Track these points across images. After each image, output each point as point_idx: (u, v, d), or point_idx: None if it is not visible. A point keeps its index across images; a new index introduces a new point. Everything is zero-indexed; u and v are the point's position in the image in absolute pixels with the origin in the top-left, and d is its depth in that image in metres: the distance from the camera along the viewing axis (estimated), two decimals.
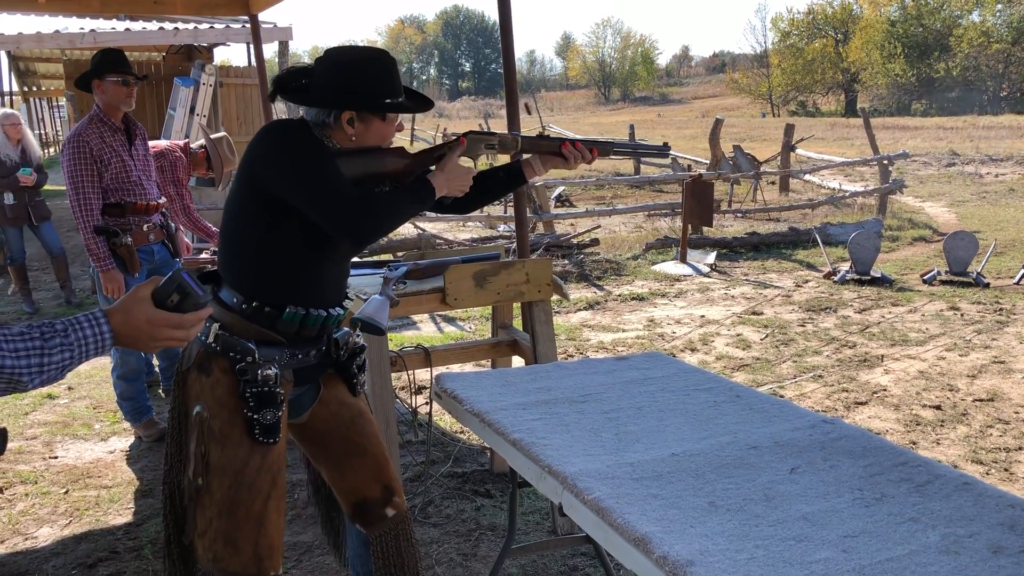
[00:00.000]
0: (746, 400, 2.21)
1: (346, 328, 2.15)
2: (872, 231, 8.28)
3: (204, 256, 4.46)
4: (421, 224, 10.01)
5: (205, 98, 9.56)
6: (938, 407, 4.48)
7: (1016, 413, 4.37)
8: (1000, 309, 6.50)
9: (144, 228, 3.95)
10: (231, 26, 10.78)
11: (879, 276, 7.55)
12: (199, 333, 1.90)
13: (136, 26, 11.01)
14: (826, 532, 1.49)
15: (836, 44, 53.22)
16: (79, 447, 4.13)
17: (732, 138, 21.59)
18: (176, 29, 10.68)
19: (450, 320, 6.60)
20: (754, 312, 6.65)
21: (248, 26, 7.81)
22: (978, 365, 5.15)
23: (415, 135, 25.21)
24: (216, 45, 12.14)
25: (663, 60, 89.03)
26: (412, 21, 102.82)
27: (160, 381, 4.78)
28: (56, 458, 3.99)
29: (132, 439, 4.20)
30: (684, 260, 8.57)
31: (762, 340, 5.84)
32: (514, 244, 4.13)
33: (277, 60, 11.60)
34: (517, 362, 3.67)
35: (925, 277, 7.58)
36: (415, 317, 6.54)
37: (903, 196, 13.25)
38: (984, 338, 5.73)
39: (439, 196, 2.01)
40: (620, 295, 7.36)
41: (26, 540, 3.21)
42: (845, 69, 51.44)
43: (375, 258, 5.79)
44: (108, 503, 3.50)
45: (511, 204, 9.84)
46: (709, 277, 8.09)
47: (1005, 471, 3.70)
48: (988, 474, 3.67)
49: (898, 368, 5.15)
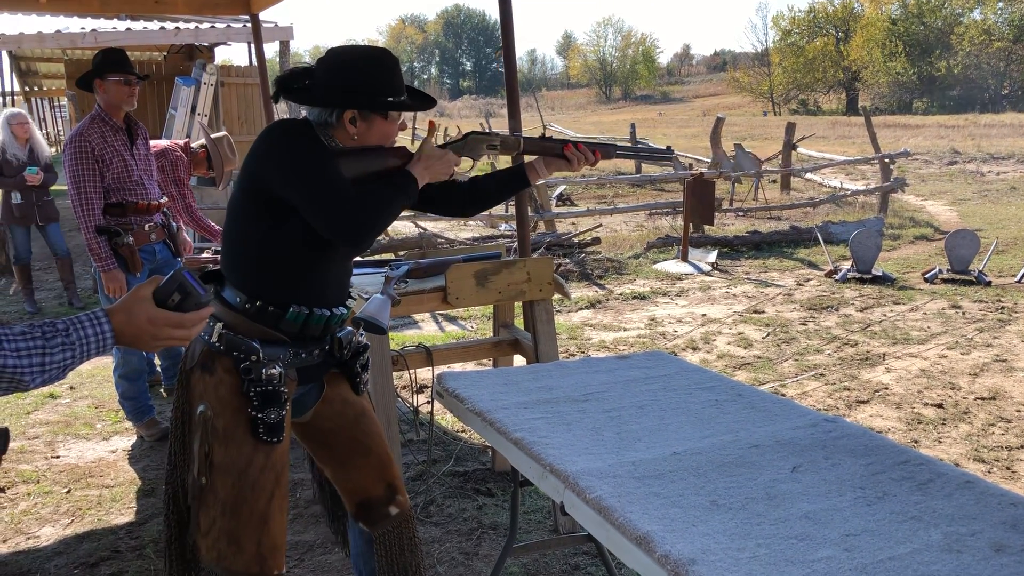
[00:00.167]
0: (748, 399, 2.21)
1: (349, 327, 2.15)
2: (873, 229, 8.27)
3: (206, 255, 4.46)
4: (422, 223, 10.00)
5: (206, 97, 9.56)
6: (940, 405, 4.48)
7: (1018, 411, 4.37)
8: (1002, 307, 6.50)
9: (146, 228, 3.95)
10: (232, 26, 10.77)
11: (880, 274, 7.55)
12: (202, 332, 1.90)
13: (137, 26, 11.01)
14: (828, 531, 1.49)
15: (837, 42, 53.19)
16: (81, 446, 4.13)
17: (733, 137, 21.56)
18: (177, 29, 10.68)
19: (451, 319, 6.60)
20: (755, 311, 6.64)
21: (249, 26, 7.80)
22: (980, 363, 5.15)
23: (416, 134, 25.19)
24: (217, 45, 12.14)
25: (664, 59, 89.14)
26: (413, 20, 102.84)
27: (162, 380, 4.78)
28: (58, 457, 3.99)
29: (134, 438, 4.20)
30: (685, 259, 8.57)
31: (763, 339, 5.84)
32: (515, 243, 4.13)
33: (278, 60, 11.59)
34: (518, 361, 3.67)
35: (927, 275, 7.58)
36: (416, 316, 6.54)
37: (904, 194, 13.24)
38: (986, 336, 5.73)
39: (421, 184, 1.99)
40: (621, 294, 7.36)
41: (28, 539, 3.21)
42: (846, 67, 51.42)
43: (376, 257, 5.80)
44: (110, 502, 3.51)
45: (512, 203, 9.84)
46: (710, 276, 8.08)
47: (1007, 469, 3.69)
48: (990, 472, 3.67)
49: (900, 366, 5.15)
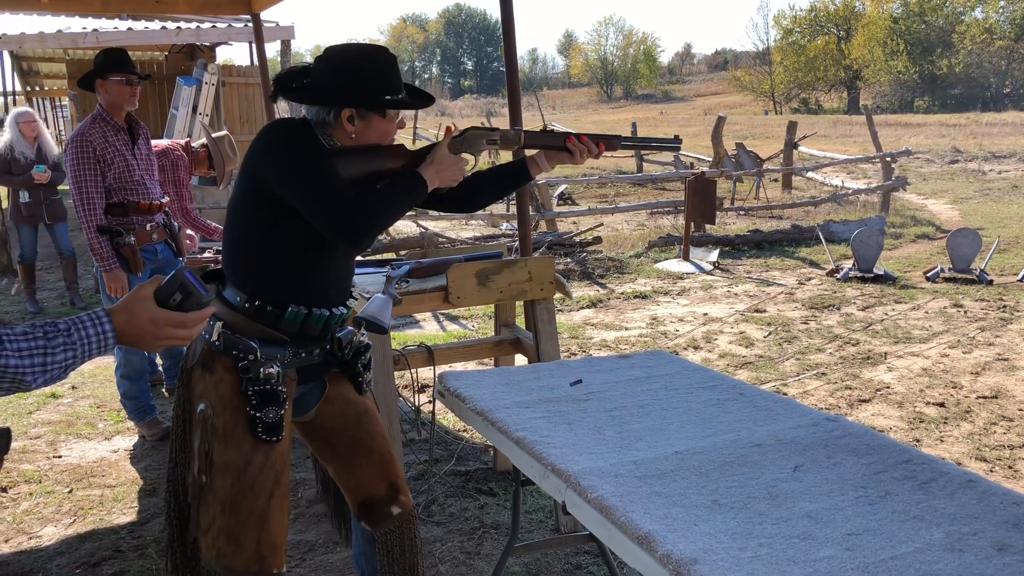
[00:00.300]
0: (749, 398, 2.21)
1: (350, 327, 2.14)
2: (875, 228, 8.26)
3: (207, 255, 4.46)
4: (423, 223, 10.00)
5: (207, 97, 9.57)
6: (942, 404, 4.47)
7: (1020, 410, 4.36)
8: (1004, 306, 6.49)
9: (147, 227, 3.95)
10: (233, 25, 10.77)
11: (882, 273, 7.54)
12: (203, 331, 1.91)
13: (139, 25, 11.02)
14: (830, 530, 1.49)
15: (838, 41, 53.17)
16: (83, 446, 4.14)
17: (735, 135, 21.56)
18: (178, 28, 10.68)
19: (453, 318, 6.60)
20: (757, 310, 6.64)
21: (250, 25, 7.80)
22: (981, 362, 5.14)
23: (418, 133, 25.19)
24: (218, 44, 12.14)
25: (665, 58, 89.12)
26: (414, 19, 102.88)
27: (163, 380, 4.78)
28: (60, 457, 3.99)
29: (136, 438, 4.20)
30: (687, 258, 8.56)
31: (765, 338, 5.84)
32: (516, 242, 4.13)
33: (279, 59, 11.59)
34: (520, 360, 3.67)
35: (928, 274, 7.57)
36: (418, 316, 6.54)
37: (906, 193, 13.22)
38: (987, 335, 5.72)
39: (431, 188, 1.97)
40: (623, 293, 7.36)
41: (30, 539, 3.21)
42: (848, 66, 51.40)
43: (378, 257, 5.79)
44: (112, 502, 3.51)
45: (513, 202, 9.84)
46: (712, 275, 8.08)
47: (1009, 468, 3.69)
48: (992, 471, 3.66)
49: (901, 365, 5.14)
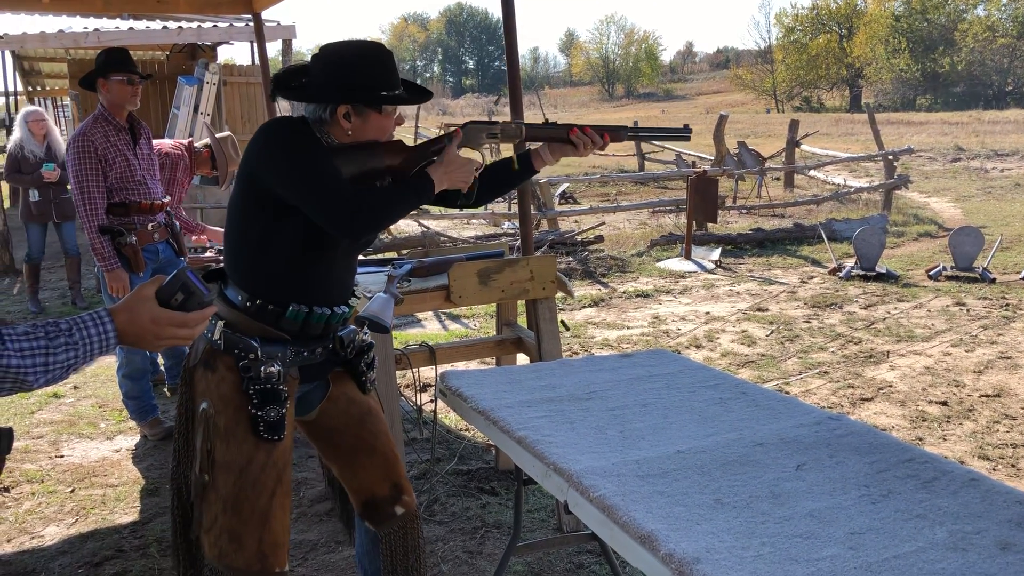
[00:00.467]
0: (751, 397, 2.21)
1: (352, 326, 2.14)
2: (877, 227, 8.26)
3: (208, 255, 4.46)
4: (425, 222, 10.00)
5: (209, 97, 9.57)
6: (944, 403, 4.47)
7: (1023, 408, 4.36)
8: (1006, 304, 6.48)
9: (149, 227, 3.95)
10: (235, 25, 10.77)
11: (884, 272, 7.53)
12: (205, 330, 1.91)
13: (140, 25, 11.02)
14: (833, 529, 1.49)
15: (840, 39, 53.12)
16: (85, 446, 4.14)
17: (736, 134, 21.55)
18: (180, 28, 10.68)
19: (455, 318, 6.60)
20: (759, 308, 6.63)
21: (251, 25, 7.80)
22: (984, 361, 5.14)
23: (419, 132, 25.19)
24: (220, 44, 12.13)
25: (667, 56, 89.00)
26: (416, 18, 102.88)
27: (165, 380, 4.79)
28: (62, 457, 4.00)
29: (138, 438, 4.20)
30: (689, 257, 8.56)
31: (767, 336, 5.83)
32: (518, 241, 4.13)
33: (281, 59, 11.59)
34: (522, 359, 3.67)
35: (931, 273, 7.56)
36: (419, 315, 6.54)
37: (908, 192, 13.20)
38: (990, 334, 5.71)
39: (439, 189, 1.97)
40: (625, 292, 7.35)
41: (32, 539, 3.21)
42: (849, 64, 51.36)
43: (379, 256, 5.80)
44: (114, 502, 3.51)
45: (515, 201, 9.83)
46: (714, 274, 8.07)
47: (1012, 467, 3.69)
48: (995, 470, 3.66)
49: (904, 364, 5.13)
